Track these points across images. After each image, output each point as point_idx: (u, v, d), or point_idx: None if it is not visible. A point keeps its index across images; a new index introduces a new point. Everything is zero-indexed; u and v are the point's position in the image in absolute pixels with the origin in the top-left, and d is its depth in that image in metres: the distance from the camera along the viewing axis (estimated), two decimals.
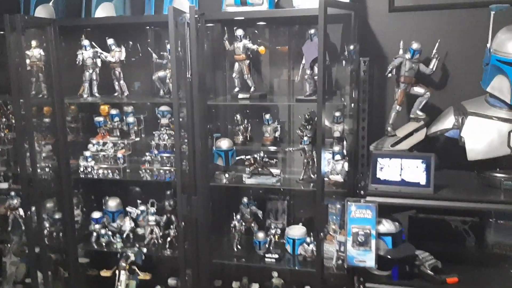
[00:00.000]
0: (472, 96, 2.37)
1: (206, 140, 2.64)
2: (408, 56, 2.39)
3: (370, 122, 2.33)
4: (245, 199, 2.76)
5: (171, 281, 3.04)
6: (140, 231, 2.99)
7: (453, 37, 2.47)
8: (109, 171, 2.83)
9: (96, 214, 2.95)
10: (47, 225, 2.91)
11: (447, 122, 2.32)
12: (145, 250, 2.88)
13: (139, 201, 2.96)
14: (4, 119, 3.02)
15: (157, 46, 2.89)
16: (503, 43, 2.13)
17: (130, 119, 2.87)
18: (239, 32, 2.60)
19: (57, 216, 2.94)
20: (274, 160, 2.70)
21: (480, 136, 2.23)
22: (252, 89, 2.68)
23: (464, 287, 2.21)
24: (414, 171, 2.25)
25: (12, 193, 3.02)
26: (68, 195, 2.83)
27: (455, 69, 2.52)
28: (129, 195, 3.12)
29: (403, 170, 2.27)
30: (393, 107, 2.45)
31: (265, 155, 2.67)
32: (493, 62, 2.16)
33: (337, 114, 2.57)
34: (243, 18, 2.47)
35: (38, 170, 2.72)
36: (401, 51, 2.41)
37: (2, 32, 2.76)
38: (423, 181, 2.23)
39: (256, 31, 2.78)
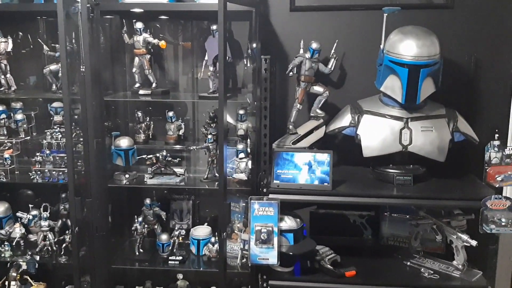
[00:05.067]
0: (368, 95, 2.47)
1: (103, 138, 2.50)
2: (308, 55, 2.42)
3: (273, 120, 2.34)
4: (147, 200, 2.66)
5: None
6: (32, 237, 2.77)
7: (350, 37, 2.56)
8: None
9: None
10: None
11: (344, 120, 2.40)
12: (38, 258, 2.66)
13: (30, 206, 2.72)
14: None
15: (50, 37, 2.69)
16: (395, 44, 2.23)
17: (19, 116, 2.65)
18: (139, 25, 2.50)
19: None
20: (178, 159, 2.62)
21: (375, 134, 2.32)
22: (153, 85, 2.59)
23: (361, 279, 2.29)
24: (314, 168, 2.29)
25: None
26: None
27: (352, 69, 2.61)
28: (19, 199, 2.86)
29: (304, 167, 2.30)
30: (294, 105, 2.47)
31: (168, 154, 2.59)
32: (386, 62, 2.26)
33: (241, 112, 2.56)
34: (140, 10, 2.36)
35: None
36: (301, 51, 2.45)
37: None
38: (322, 178, 2.28)
39: (158, 25, 2.68)
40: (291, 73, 2.44)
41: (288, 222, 2.32)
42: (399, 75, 2.21)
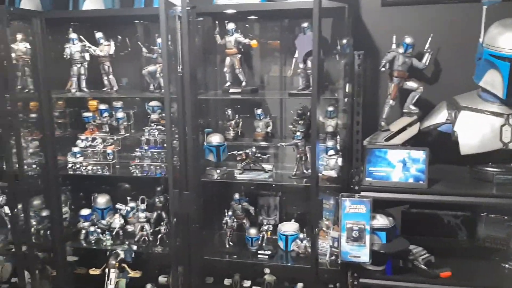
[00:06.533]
0: (464, 90, 2.38)
1: (197, 135, 2.61)
2: (401, 50, 2.38)
3: (363, 116, 2.32)
4: (236, 195, 2.73)
5: (162, 279, 3.00)
6: (130, 228, 2.94)
7: (445, 31, 2.47)
8: (98, 167, 2.78)
9: (84, 211, 2.89)
10: (34, 223, 2.84)
11: (440, 116, 2.33)
12: (135, 247, 2.84)
13: (128, 198, 2.90)
14: None
15: (147, 40, 2.84)
16: (495, 37, 2.13)
17: (120, 114, 2.83)
18: (231, 25, 2.57)
19: (44, 213, 2.87)
20: (266, 155, 2.68)
21: (473, 131, 2.24)
22: (243, 83, 2.66)
23: (457, 281, 2.22)
24: (408, 165, 2.25)
25: None
26: (55, 192, 2.77)
27: (447, 63, 2.53)
28: (118, 192, 3.05)
29: (398, 164, 2.27)
30: (387, 101, 2.44)
31: (257, 150, 2.65)
32: (485, 56, 2.17)
33: (330, 108, 2.56)
34: (234, 11, 2.43)
35: (25, 167, 2.66)
36: (394, 46, 2.40)
37: None
38: (417, 176, 2.23)
39: (247, 25, 2.74)
40: (383, 69, 2.40)
41: (380, 220, 2.30)
42: (500, 70, 2.12)
